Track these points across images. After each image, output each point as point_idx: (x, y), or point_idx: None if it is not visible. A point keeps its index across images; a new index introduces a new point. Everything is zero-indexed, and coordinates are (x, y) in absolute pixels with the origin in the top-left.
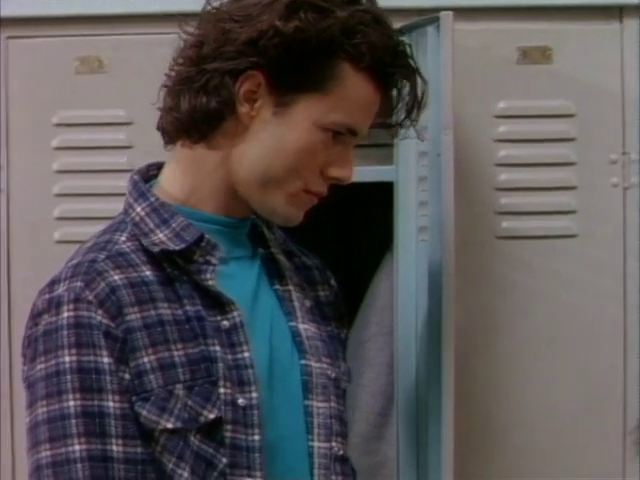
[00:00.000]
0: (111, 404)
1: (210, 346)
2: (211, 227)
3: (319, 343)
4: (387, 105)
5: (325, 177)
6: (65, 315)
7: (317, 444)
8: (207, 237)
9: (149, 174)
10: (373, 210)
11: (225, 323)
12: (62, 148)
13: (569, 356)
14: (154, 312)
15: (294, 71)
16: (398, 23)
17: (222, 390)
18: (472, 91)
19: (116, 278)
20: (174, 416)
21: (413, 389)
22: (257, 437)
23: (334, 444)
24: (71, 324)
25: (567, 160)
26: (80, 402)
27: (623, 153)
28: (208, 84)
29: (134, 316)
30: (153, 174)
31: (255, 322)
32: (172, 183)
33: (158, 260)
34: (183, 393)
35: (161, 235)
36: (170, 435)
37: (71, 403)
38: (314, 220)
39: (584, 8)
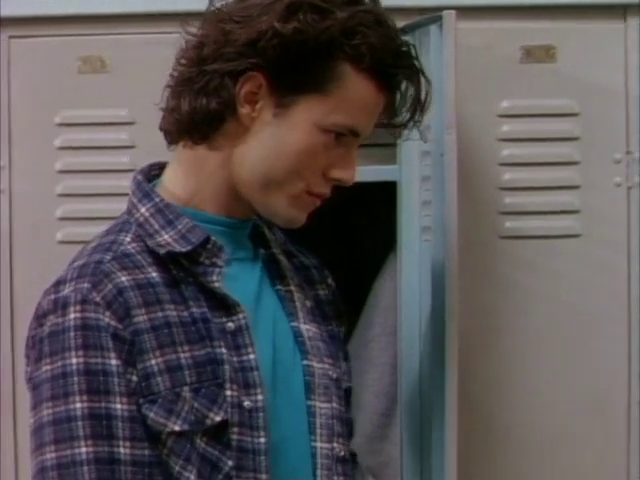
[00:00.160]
0: (119, 406)
1: (216, 348)
2: (214, 228)
3: (320, 344)
4: (391, 106)
5: (327, 178)
6: (72, 316)
7: (320, 444)
8: (213, 239)
9: (151, 174)
10: (376, 210)
11: (230, 325)
12: (64, 148)
13: (572, 356)
14: (161, 314)
15: (294, 72)
16: (400, 22)
17: (228, 392)
18: (475, 90)
19: (123, 279)
20: (181, 418)
21: (416, 389)
22: (263, 439)
23: (335, 445)
24: (78, 325)
25: (570, 159)
26: (87, 404)
27: (627, 152)
28: (208, 85)
29: (141, 318)
30: (155, 174)
31: (258, 323)
32: (175, 184)
33: (164, 262)
34: (190, 395)
35: (166, 236)
36: (177, 438)
37: (78, 405)
38: (317, 220)
39: (588, 7)
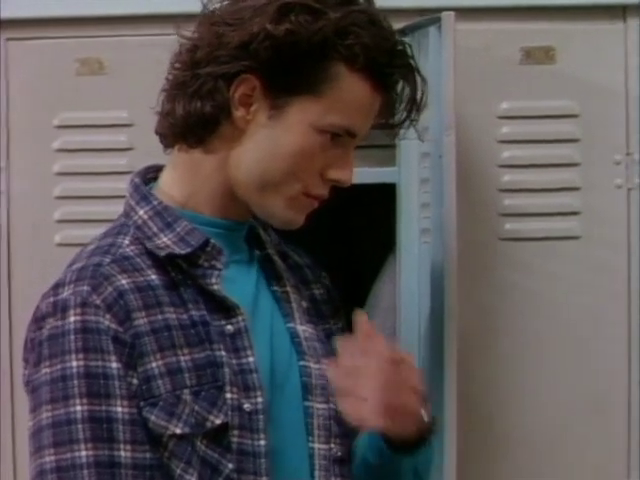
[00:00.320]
0: (119, 409)
1: (216, 351)
2: (212, 230)
3: (317, 344)
4: (387, 106)
5: (325, 180)
6: (72, 319)
7: (317, 445)
8: (212, 242)
9: (147, 177)
10: (375, 212)
11: (229, 328)
12: (63, 150)
13: (571, 358)
14: (161, 317)
15: (288, 74)
16: (399, 23)
17: (228, 395)
18: (475, 92)
19: (123, 282)
20: (182, 421)
21: None
22: (263, 442)
23: (333, 445)
24: (78, 329)
25: (571, 161)
26: (87, 407)
27: (627, 154)
28: (202, 89)
29: (142, 321)
30: (151, 177)
31: (256, 326)
32: (171, 186)
33: (162, 264)
34: (190, 398)
35: (165, 239)
36: (178, 441)
37: (78, 408)
38: (315, 222)
39: (587, 8)
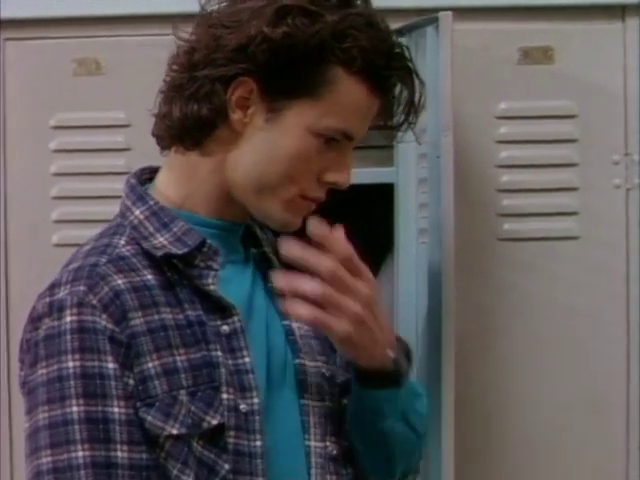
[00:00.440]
0: (116, 410)
1: (212, 351)
2: (208, 231)
3: (312, 341)
4: (385, 108)
5: (322, 182)
6: (68, 319)
7: (313, 444)
8: (209, 242)
9: (142, 178)
10: (373, 212)
11: (225, 328)
12: (60, 150)
13: (570, 358)
14: (157, 317)
15: (285, 77)
16: (397, 23)
17: (224, 396)
18: (473, 92)
19: (119, 282)
20: (179, 422)
21: None
22: (259, 443)
23: (328, 443)
24: (74, 329)
25: (569, 161)
26: (84, 408)
27: (626, 154)
28: (199, 91)
29: (138, 321)
30: (146, 178)
31: (252, 326)
32: (168, 187)
33: (159, 264)
34: (187, 399)
35: (162, 239)
36: (175, 441)
37: (74, 409)
38: None
39: (586, 7)
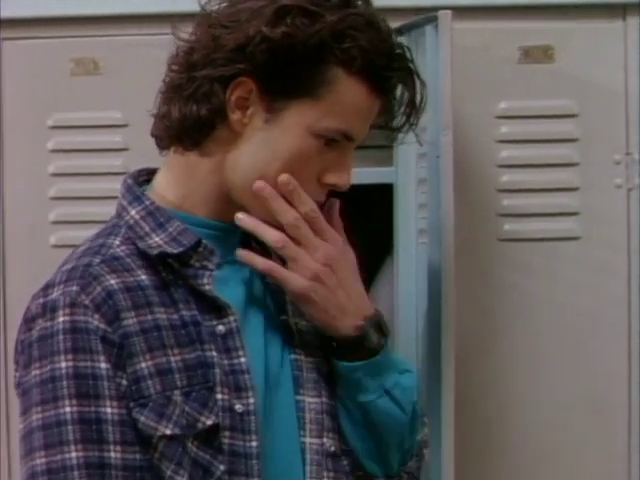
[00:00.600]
0: (109, 410)
1: (207, 351)
2: (206, 232)
3: (310, 336)
4: (386, 109)
5: (322, 184)
6: (61, 320)
7: (309, 440)
8: (204, 242)
9: (140, 179)
10: (372, 212)
11: (220, 328)
12: (57, 151)
13: (571, 359)
14: (150, 317)
15: (284, 77)
16: (396, 22)
17: (219, 396)
18: (473, 91)
19: (112, 282)
20: (172, 422)
21: None
22: (255, 443)
23: (325, 440)
24: (67, 329)
25: (570, 161)
26: (77, 408)
27: (627, 154)
28: (197, 92)
29: (131, 321)
30: (144, 179)
31: (250, 326)
32: (166, 188)
33: (153, 264)
34: (181, 399)
35: (157, 239)
36: (168, 441)
37: (67, 409)
38: None
39: (586, 6)
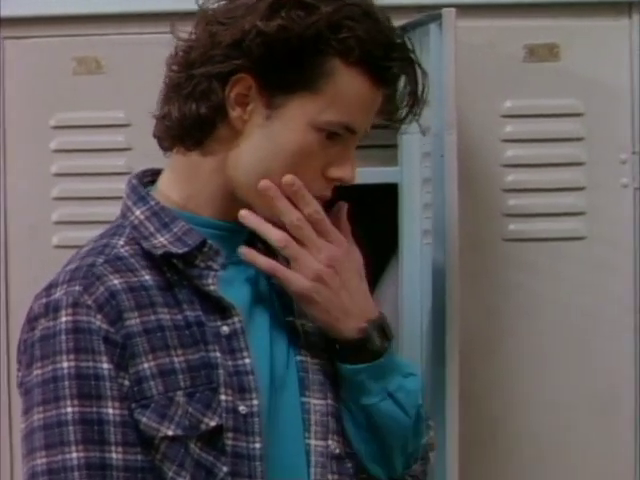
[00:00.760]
0: (110, 411)
1: (210, 352)
2: (211, 232)
3: (316, 338)
4: (389, 101)
5: (327, 179)
6: (63, 320)
7: (314, 442)
8: (209, 242)
9: (144, 180)
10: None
11: (225, 329)
12: (60, 151)
13: (577, 359)
14: (154, 317)
15: (283, 71)
16: (400, 21)
17: (223, 397)
18: (478, 90)
19: (115, 282)
20: (174, 423)
21: None
22: (258, 445)
23: (330, 442)
24: (69, 329)
25: (576, 160)
26: (78, 409)
27: (633, 153)
28: (196, 90)
29: (134, 321)
30: (148, 180)
31: (255, 326)
32: (170, 188)
33: (158, 264)
34: (184, 400)
35: (162, 239)
36: (170, 443)
37: (69, 410)
38: None
39: (592, 4)
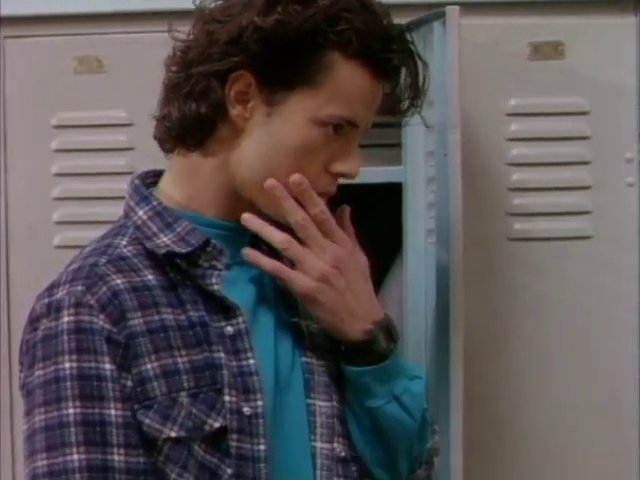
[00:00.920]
0: (113, 412)
1: (214, 352)
2: (215, 232)
3: (321, 340)
4: (391, 93)
5: (331, 174)
6: (65, 320)
7: (320, 445)
8: (213, 242)
9: (147, 181)
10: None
11: (229, 329)
12: (61, 150)
13: (582, 359)
14: (157, 317)
15: (281, 67)
16: (404, 19)
17: (227, 398)
18: (482, 88)
19: (118, 282)
20: (178, 425)
21: None
22: (263, 447)
23: (336, 445)
24: (71, 329)
25: (581, 159)
26: (80, 410)
27: (639, 151)
28: (195, 89)
29: (137, 321)
30: (150, 182)
31: (259, 327)
32: (173, 189)
33: (161, 264)
34: (187, 401)
35: (165, 239)
36: (174, 444)
37: (70, 411)
38: None
39: (597, 1)
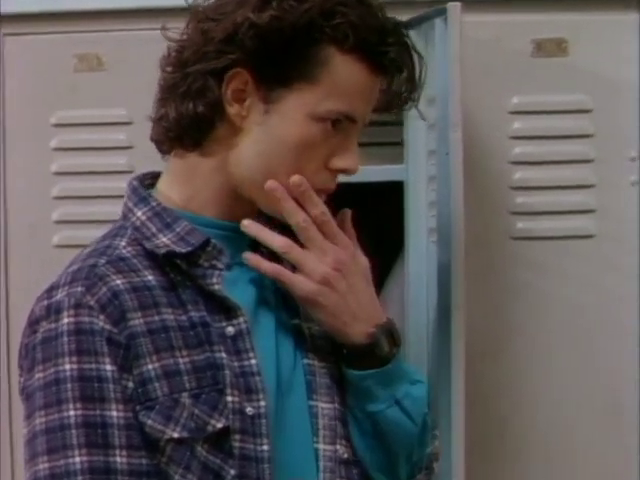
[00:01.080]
0: (114, 413)
1: (216, 353)
2: (215, 232)
3: (323, 341)
4: (389, 87)
5: (331, 170)
6: (65, 321)
7: (322, 446)
8: (213, 242)
9: (145, 182)
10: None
11: (230, 329)
12: (60, 149)
13: (585, 358)
14: (158, 317)
15: (278, 63)
16: (406, 16)
17: (229, 398)
18: (485, 86)
19: (118, 282)
20: (180, 425)
21: None
22: (266, 447)
23: (339, 447)
24: (71, 330)
25: (584, 157)
26: (81, 412)
27: None
28: (191, 88)
29: (137, 321)
30: (148, 183)
31: (260, 327)
32: (171, 190)
33: (160, 265)
34: (189, 402)
35: (165, 239)
36: (176, 445)
37: (71, 413)
38: None
39: None
